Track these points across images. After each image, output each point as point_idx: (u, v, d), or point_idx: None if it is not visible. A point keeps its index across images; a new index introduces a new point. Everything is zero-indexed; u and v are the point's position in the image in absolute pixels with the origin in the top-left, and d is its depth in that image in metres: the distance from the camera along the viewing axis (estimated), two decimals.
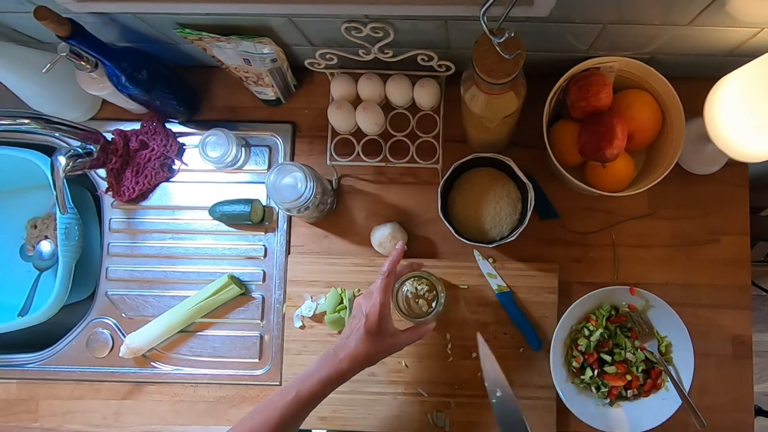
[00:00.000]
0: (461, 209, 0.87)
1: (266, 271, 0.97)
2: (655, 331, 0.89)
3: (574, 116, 0.87)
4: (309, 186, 0.82)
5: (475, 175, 0.89)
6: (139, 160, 0.97)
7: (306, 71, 0.91)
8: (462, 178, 0.89)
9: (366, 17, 0.75)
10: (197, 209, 0.98)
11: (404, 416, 0.91)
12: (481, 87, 0.71)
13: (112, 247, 0.99)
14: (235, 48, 0.82)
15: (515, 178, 0.87)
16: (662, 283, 0.92)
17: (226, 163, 0.94)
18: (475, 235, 0.87)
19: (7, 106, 0.94)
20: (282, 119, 0.99)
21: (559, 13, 0.70)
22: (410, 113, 0.93)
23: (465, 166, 0.86)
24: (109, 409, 0.96)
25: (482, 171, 0.89)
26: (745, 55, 0.78)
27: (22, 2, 0.75)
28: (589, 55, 0.83)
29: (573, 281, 0.93)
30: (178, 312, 0.94)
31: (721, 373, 0.91)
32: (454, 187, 0.89)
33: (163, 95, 0.91)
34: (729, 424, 0.90)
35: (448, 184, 0.88)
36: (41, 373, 0.97)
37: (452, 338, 0.92)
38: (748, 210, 0.93)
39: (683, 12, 0.70)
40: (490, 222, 0.86)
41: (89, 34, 0.77)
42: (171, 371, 0.95)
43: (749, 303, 0.92)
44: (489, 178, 0.88)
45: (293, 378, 0.73)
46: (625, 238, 0.94)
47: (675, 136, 0.83)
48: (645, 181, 0.84)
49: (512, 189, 0.88)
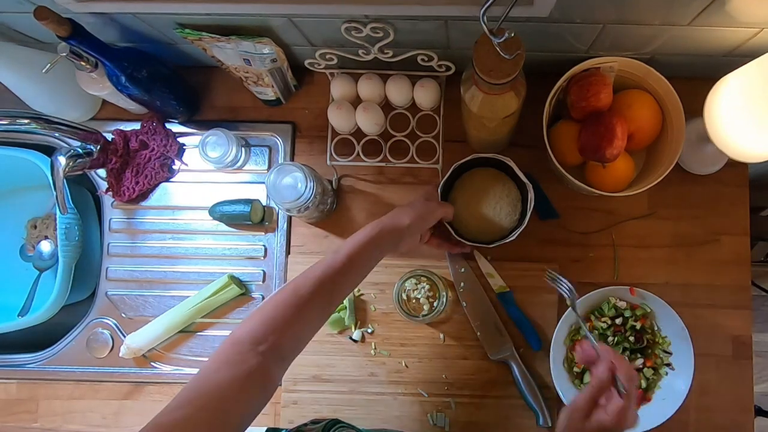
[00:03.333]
0: (461, 209, 0.87)
1: (266, 271, 0.97)
2: (658, 334, 0.89)
3: (574, 116, 0.87)
4: (309, 186, 0.82)
5: (475, 175, 0.89)
6: (139, 160, 0.97)
7: (306, 71, 0.91)
8: (462, 178, 0.89)
9: (366, 17, 0.75)
10: (197, 209, 0.98)
11: (404, 416, 0.91)
12: (481, 87, 0.71)
13: (112, 247, 0.99)
14: (235, 48, 0.82)
15: (515, 178, 0.87)
16: (662, 283, 0.92)
17: (226, 163, 0.94)
18: (475, 236, 0.87)
19: (7, 106, 0.94)
20: (282, 119, 0.99)
21: (559, 13, 0.70)
22: (410, 113, 0.93)
23: (465, 166, 0.86)
24: (109, 409, 0.96)
25: (482, 171, 0.89)
26: (745, 55, 0.78)
27: (22, 2, 0.75)
28: (589, 55, 0.83)
29: (573, 281, 0.93)
30: (178, 312, 0.94)
31: (721, 373, 0.91)
32: (455, 188, 0.89)
33: (163, 95, 0.91)
34: (729, 424, 0.90)
35: (448, 184, 0.88)
36: (41, 373, 0.97)
37: (450, 338, 0.92)
38: (748, 210, 0.93)
39: (683, 12, 0.70)
40: (489, 222, 0.86)
41: (89, 34, 0.77)
42: (171, 371, 0.95)
43: (749, 303, 0.92)
44: (489, 178, 0.88)
45: None
46: (625, 238, 0.94)
47: (675, 136, 0.83)
48: (645, 181, 0.84)
49: (512, 189, 0.88)
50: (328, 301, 0.68)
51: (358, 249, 0.69)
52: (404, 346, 0.93)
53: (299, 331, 0.65)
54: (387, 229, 0.72)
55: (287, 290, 0.66)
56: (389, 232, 0.73)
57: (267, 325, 0.62)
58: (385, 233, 0.72)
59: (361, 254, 0.70)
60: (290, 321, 0.63)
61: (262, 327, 0.62)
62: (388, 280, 0.92)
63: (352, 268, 0.69)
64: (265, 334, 0.61)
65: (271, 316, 0.63)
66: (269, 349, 0.61)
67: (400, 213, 0.76)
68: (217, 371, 0.58)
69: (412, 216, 0.75)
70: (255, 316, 0.63)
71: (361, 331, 0.93)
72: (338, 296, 0.70)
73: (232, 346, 0.61)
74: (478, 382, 0.91)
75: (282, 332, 0.62)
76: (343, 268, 0.68)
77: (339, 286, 0.68)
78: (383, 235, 0.72)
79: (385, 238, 0.72)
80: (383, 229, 0.72)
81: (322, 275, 0.67)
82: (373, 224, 0.73)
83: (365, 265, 0.72)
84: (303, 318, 0.64)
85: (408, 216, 0.75)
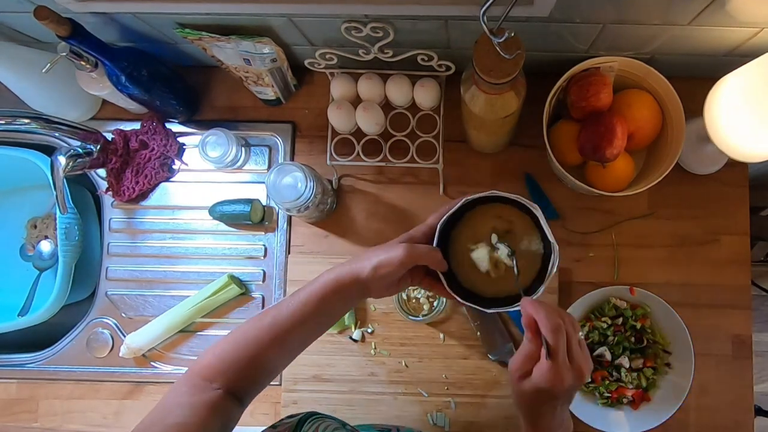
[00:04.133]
0: (462, 253, 0.67)
1: (266, 271, 0.97)
2: (658, 334, 0.89)
3: (574, 116, 0.87)
4: (309, 186, 0.82)
5: (489, 211, 0.67)
6: (139, 160, 0.97)
7: (306, 71, 0.91)
8: (474, 212, 0.68)
9: (366, 17, 0.75)
10: (197, 209, 0.98)
11: (404, 416, 0.91)
12: (481, 87, 0.71)
13: (112, 247, 0.99)
14: (235, 48, 0.82)
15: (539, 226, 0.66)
16: (662, 283, 0.92)
17: (226, 163, 0.94)
18: (474, 285, 0.67)
19: (7, 106, 0.94)
20: (282, 119, 0.99)
21: (559, 13, 0.70)
22: (410, 113, 0.93)
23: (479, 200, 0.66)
24: (109, 409, 0.96)
25: (499, 208, 0.67)
26: (745, 55, 0.79)
27: (22, 2, 0.75)
28: (589, 55, 0.83)
29: (573, 281, 0.93)
30: (178, 312, 0.94)
31: (721, 373, 0.91)
32: (462, 221, 0.68)
33: (163, 95, 0.91)
34: (729, 424, 0.90)
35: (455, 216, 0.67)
36: (41, 373, 0.97)
37: (450, 338, 0.92)
38: (748, 210, 0.93)
39: (683, 12, 0.70)
40: (497, 277, 0.66)
41: (89, 34, 0.77)
42: (171, 371, 0.95)
43: (749, 303, 0.92)
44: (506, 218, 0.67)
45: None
46: (625, 238, 0.94)
47: (675, 136, 0.83)
48: (645, 181, 0.84)
49: (533, 239, 0.66)
50: (284, 350, 0.65)
51: (312, 300, 0.63)
52: (404, 346, 0.93)
53: (253, 375, 0.64)
54: (344, 279, 0.63)
55: (244, 329, 0.64)
56: (349, 283, 0.63)
57: (222, 362, 0.62)
58: (344, 285, 0.63)
59: (318, 306, 0.63)
60: (244, 365, 0.62)
61: (218, 363, 0.62)
62: None
63: (305, 320, 0.63)
64: (219, 372, 0.62)
65: (227, 354, 0.63)
66: (223, 387, 0.61)
67: (361, 260, 0.63)
68: (177, 405, 0.59)
69: (377, 264, 0.62)
70: (212, 351, 0.63)
71: (361, 330, 0.93)
72: (295, 346, 0.66)
73: (188, 379, 0.62)
74: (478, 382, 0.91)
75: (235, 374, 0.62)
76: (296, 319, 0.63)
77: (293, 336, 0.64)
78: (340, 288, 0.63)
79: (344, 290, 0.63)
80: (339, 279, 0.63)
81: (272, 322, 0.63)
82: (328, 273, 0.64)
83: (323, 316, 0.65)
84: (257, 363, 0.63)
85: (371, 264, 0.62)
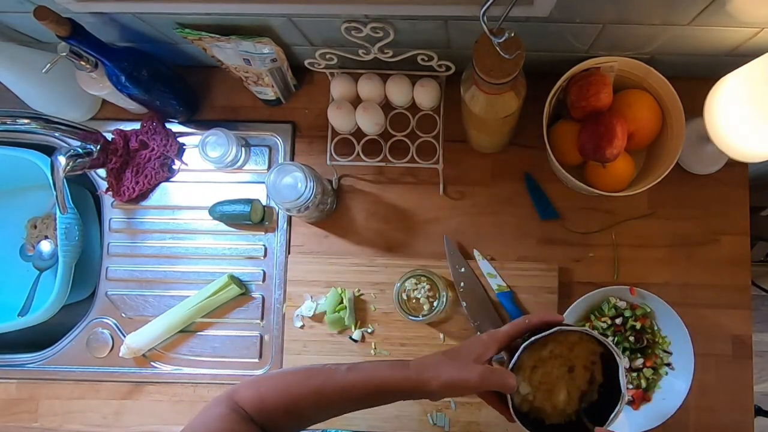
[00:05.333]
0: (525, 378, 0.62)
1: (266, 271, 0.97)
2: (658, 334, 0.89)
3: (574, 116, 0.87)
4: (309, 186, 0.82)
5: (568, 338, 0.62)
6: (139, 160, 0.97)
7: (306, 71, 0.91)
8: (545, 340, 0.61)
9: (366, 17, 0.75)
10: (197, 209, 0.98)
11: (404, 416, 0.91)
12: (481, 87, 0.71)
13: (112, 247, 0.99)
14: (235, 48, 0.82)
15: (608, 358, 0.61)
16: (662, 283, 0.92)
17: (226, 163, 0.94)
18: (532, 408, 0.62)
19: (7, 106, 0.94)
20: (282, 119, 0.99)
21: (559, 12, 0.70)
22: (410, 113, 0.93)
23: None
24: (109, 409, 0.96)
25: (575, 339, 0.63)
26: (745, 55, 0.78)
27: (22, 2, 0.75)
28: (589, 55, 0.83)
29: (573, 281, 0.93)
30: (178, 312, 0.94)
31: (721, 373, 0.91)
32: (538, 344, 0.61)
33: (163, 95, 0.91)
34: (729, 424, 0.90)
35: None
36: (41, 373, 0.97)
37: (450, 338, 0.92)
38: (748, 210, 0.93)
39: (683, 12, 0.70)
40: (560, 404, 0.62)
41: (89, 34, 0.77)
42: (171, 371, 0.95)
43: (749, 303, 0.92)
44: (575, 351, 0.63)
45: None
46: (625, 238, 0.94)
47: (675, 136, 0.83)
48: (645, 181, 0.84)
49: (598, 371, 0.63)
50: (322, 413, 0.64)
51: (364, 388, 0.61)
52: (404, 346, 0.93)
53: (289, 425, 0.62)
54: (404, 387, 0.60)
55: (291, 380, 0.62)
56: (408, 390, 0.60)
57: (263, 403, 0.60)
58: (402, 390, 0.60)
59: (367, 396, 0.61)
60: (281, 414, 0.60)
61: (259, 403, 0.60)
62: (388, 280, 0.93)
63: (351, 400, 0.62)
64: (259, 411, 0.60)
65: (270, 399, 0.60)
66: (261, 426, 0.59)
67: (428, 370, 0.60)
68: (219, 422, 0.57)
69: (448, 383, 0.58)
70: (256, 386, 0.61)
71: (361, 330, 0.93)
72: (334, 413, 0.64)
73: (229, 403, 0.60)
74: None
75: (273, 420, 0.60)
76: (343, 396, 0.61)
77: (334, 406, 0.62)
78: (396, 389, 0.60)
79: (400, 392, 0.61)
80: (398, 383, 0.60)
81: (319, 389, 0.61)
82: (391, 369, 0.61)
83: (368, 403, 0.63)
84: (294, 416, 0.61)
85: (439, 382, 0.58)
